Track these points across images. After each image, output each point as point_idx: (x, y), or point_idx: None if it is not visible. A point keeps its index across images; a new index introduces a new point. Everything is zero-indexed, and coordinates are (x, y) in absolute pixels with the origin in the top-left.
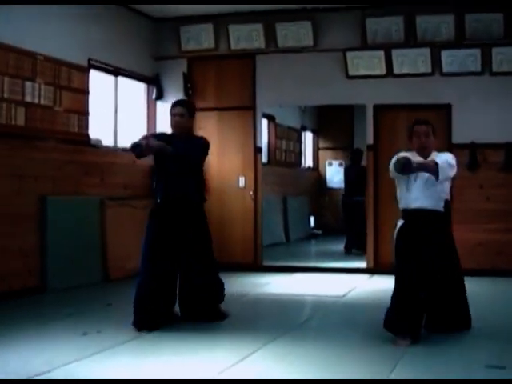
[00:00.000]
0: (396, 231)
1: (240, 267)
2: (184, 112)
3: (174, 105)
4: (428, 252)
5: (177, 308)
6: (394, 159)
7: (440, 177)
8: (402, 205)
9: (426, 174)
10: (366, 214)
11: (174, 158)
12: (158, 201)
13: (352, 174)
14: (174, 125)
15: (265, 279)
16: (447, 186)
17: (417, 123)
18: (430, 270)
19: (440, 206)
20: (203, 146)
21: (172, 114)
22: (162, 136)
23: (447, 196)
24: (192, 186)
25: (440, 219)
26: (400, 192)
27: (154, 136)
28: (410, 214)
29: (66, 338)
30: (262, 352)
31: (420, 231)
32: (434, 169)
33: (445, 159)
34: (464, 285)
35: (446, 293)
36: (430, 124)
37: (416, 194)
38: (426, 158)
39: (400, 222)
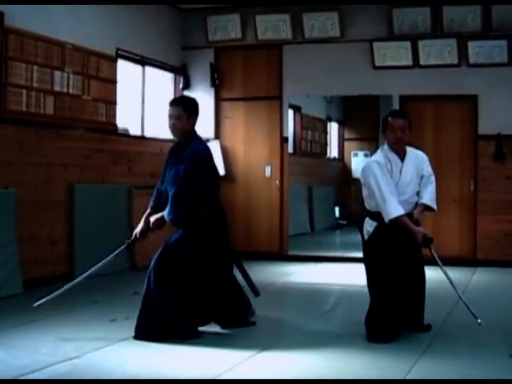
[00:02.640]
0: (368, 233)
1: (266, 256)
2: (181, 113)
3: (170, 104)
4: (401, 266)
5: None
6: (371, 166)
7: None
8: (373, 207)
9: (409, 177)
10: None
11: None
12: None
13: None
14: (170, 128)
15: (291, 268)
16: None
17: (393, 115)
18: (402, 286)
19: (412, 209)
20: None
21: (168, 116)
22: (168, 152)
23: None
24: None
25: (413, 222)
26: (371, 194)
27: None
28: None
29: (94, 325)
30: (287, 340)
31: (394, 240)
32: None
33: (429, 172)
34: (425, 290)
35: (412, 303)
36: (407, 117)
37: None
38: (401, 153)
39: (371, 224)
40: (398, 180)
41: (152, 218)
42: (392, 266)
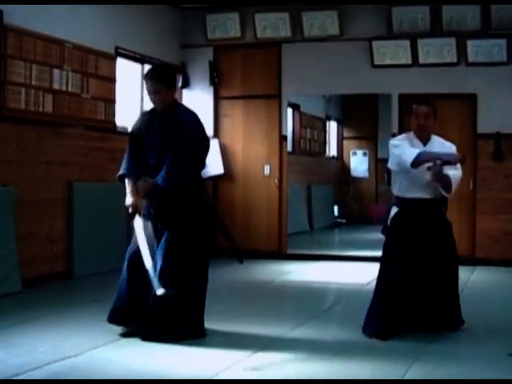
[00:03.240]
0: (390, 219)
1: (265, 255)
2: (159, 88)
3: (146, 78)
4: (423, 245)
5: None
6: (392, 142)
7: (453, 190)
8: (397, 192)
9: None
10: None
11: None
12: None
13: None
14: (151, 102)
15: (289, 267)
16: None
17: (417, 102)
18: (424, 265)
19: (437, 194)
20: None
21: (147, 90)
22: (143, 118)
23: None
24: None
25: (437, 207)
26: (397, 179)
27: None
28: (407, 203)
29: (92, 323)
30: (284, 338)
31: (416, 222)
32: (447, 184)
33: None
34: (457, 280)
35: (439, 289)
36: (431, 105)
37: (415, 183)
38: (424, 140)
39: (394, 210)
40: None
41: (142, 186)
42: (413, 245)
